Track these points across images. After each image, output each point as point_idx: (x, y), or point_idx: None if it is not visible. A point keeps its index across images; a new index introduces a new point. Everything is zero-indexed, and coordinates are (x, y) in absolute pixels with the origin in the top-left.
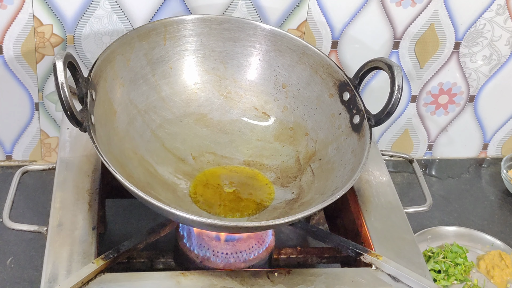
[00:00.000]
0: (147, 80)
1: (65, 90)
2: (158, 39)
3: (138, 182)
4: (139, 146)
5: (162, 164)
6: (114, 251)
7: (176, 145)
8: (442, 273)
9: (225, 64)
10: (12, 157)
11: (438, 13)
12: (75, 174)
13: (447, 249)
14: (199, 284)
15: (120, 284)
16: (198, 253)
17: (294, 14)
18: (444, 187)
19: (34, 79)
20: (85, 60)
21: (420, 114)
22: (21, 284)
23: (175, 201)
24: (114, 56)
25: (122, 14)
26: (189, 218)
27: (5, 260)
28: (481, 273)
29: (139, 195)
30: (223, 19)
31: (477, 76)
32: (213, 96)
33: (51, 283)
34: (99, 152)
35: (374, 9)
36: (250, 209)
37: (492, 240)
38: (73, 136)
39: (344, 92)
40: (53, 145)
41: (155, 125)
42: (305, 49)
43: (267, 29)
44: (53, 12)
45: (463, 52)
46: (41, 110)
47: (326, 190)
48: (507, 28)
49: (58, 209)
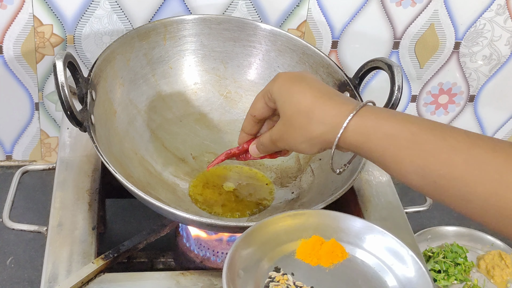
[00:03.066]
0: (147, 80)
1: (65, 90)
2: (158, 39)
3: (138, 182)
4: (139, 146)
5: (162, 164)
6: (114, 251)
7: (176, 145)
8: (442, 273)
9: (225, 64)
10: (12, 157)
11: (438, 13)
12: (75, 174)
13: (447, 249)
14: (199, 284)
15: (120, 284)
16: (198, 253)
17: (294, 14)
18: None
19: (34, 79)
20: (85, 60)
21: (420, 114)
22: (21, 284)
23: (175, 201)
24: (114, 56)
25: (122, 14)
26: (189, 218)
27: (5, 260)
28: (481, 273)
29: (139, 195)
30: (223, 19)
31: (477, 76)
32: (213, 96)
33: (51, 283)
34: (99, 152)
35: (374, 9)
36: (250, 209)
37: (492, 240)
38: (73, 136)
39: (344, 92)
40: (53, 145)
41: (155, 125)
42: (305, 49)
43: (267, 29)
44: (53, 12)
45: (463, 52)
46: (41, 110)
47: (326, 190)
48: (507, 28)
49: (58, 209)
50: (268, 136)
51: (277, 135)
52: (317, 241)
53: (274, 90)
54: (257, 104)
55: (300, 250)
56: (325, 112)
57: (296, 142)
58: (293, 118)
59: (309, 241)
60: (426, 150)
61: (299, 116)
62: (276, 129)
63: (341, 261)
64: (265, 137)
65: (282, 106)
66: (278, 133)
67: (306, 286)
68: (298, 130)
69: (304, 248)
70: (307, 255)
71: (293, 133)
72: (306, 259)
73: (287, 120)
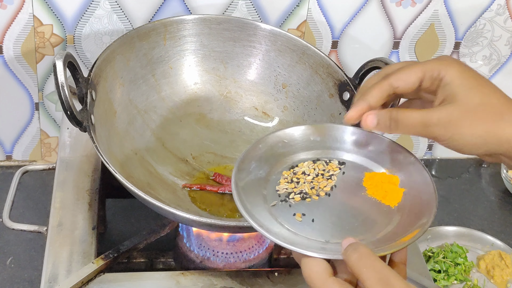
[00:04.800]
0: (147, 80)
1: (65, 90)
2: (158, 39)
3: (138, 182)
4: (139, 146)
5: (162, 164)
6: (114, 251)
7: (176, 145)
8: (442, 273)
9: (225, 64)
10: (12, 157)
11: (438, 13)
12: (75, 174)
13: (447, 249)
14: (199, 284)
15: (120, 284)
16: (198, 253)
17: (294, 14)
18: (444, 187)
19: (34, 79)
20: (85, 60)
21: None
22: (21, 284)
23: (175, 201)
24: (114, 56)
25: (122, 14)
26: (189, 218)
27: (5, 260)
28: (481, 273)
29: (139, 195)
30: (223, 19)
31: None
32: (213, 96)
33: (51, 283)
34: (99, 152)
35: (374, 9)
36: None
37: (492, 240)
38: (73, 136)
39: (344, 92)
40: (53, 145)
41: (155, 125)
42: (305, 49)
43: (267, 29)
44: (53, 12)
45: (463, 52)
46: (41, 110)
47: None
48: (507, 28)
49: (58, 209)
50: (418, 117)
51: (444, 119)
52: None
53: (452, 72)
54: (408, 76)
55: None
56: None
57: (470, 133)
58: (479, 108)
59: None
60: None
61: (490, 108)
62: (444, 112)
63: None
64: (409, 116)
65: (464, 91)
66: (447, 116)
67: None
68: (481, 122)
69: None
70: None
71: (471, 123)
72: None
73: (469, 107)
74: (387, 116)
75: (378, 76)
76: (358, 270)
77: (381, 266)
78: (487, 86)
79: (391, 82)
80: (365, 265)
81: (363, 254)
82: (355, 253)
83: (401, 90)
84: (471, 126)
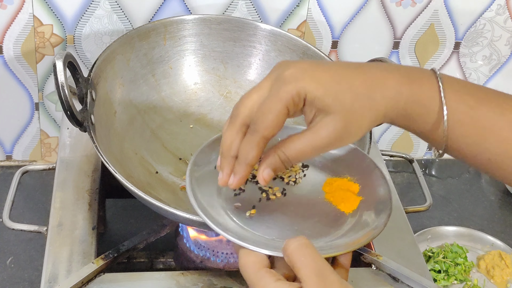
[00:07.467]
0: (147, 80)
1: (65, 90)
2: (158, 39)
3: (138, 182)
4: (139, 146)
5: (162, 164)
6: (114, 251)
7: (176, 145)
8: (442, 273)
9: (225, 64)
10: (12, 157)
11: (438, 13)
12: (75, 174)
13: (447, 249)
14: (199, 284)
15: (120, 284)
16: (198, 253)
17: (294, 14)
18: (444, 187)
19: (34, 79)
20: (85, 60)
21: None
22: (21, 284)
23: (175, 201)
24: (114, 56)
25: (122, 14)
26: (189, 218)
27: (5, 260)
28: (481, 273)
29: (139, 195)
30: (223, 19)
31: (477, 76)
32: (213, 96)
33: (51, 283)
34: (99, 152)
35: (374, 9)
36: None
37: (492, 240)
38: (73, 136)
39: None
40: (53, 145)
41: (155, 125)
42: (305, 49)
43: (267, 29)
44: (53, 12)
45: (463, 52)
46: (41, 110)
47: None
48: (507, 28)
49: (58, 209)
50: (306, 143)
51: (333, 132)
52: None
53: (310, 88)
54: (277, 120)
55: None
56: (384, 84)
57: (363, 129)
58: (354, 105)
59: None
60: (483, 127)
61: (360, 98)
62: (330, 129)
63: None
64: (296, 147)
65: (332, 99)
66: (334, 129)
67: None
68: (366, 114)
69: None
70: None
71: (359, 121)
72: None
73: (347, 110)
74: (277, 159)
75: (234, 125)
76: (296, 258)
77: (320, 258)
78: (340, 76)
79: (265, 134)
80: (304, 254)
81: (303, 244)
82: (295, 242)
83: (273, 135)
84: (361, 123)
